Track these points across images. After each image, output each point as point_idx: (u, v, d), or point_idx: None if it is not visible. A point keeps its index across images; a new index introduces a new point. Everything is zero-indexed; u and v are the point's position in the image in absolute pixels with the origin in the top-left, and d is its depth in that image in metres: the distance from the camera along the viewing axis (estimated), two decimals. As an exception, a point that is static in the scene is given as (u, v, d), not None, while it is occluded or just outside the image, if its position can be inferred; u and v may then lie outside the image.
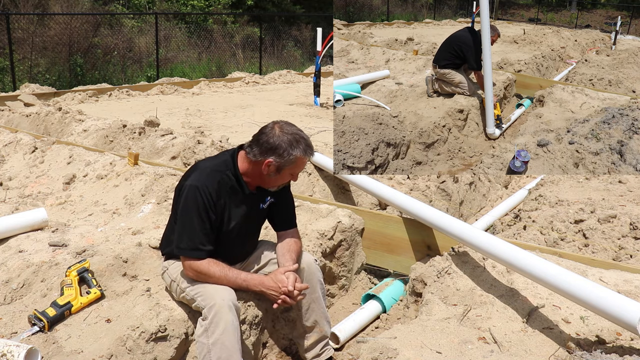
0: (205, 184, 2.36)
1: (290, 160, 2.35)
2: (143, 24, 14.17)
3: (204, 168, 2.45)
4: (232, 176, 2.44)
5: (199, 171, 2.44)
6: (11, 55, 9.79)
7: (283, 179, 2.45)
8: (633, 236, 3.58)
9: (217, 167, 2.44)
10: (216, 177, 2.40)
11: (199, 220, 2.35)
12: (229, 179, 2.43)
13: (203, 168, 2.45)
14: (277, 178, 2.43)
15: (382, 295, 3.22)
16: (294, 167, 2.40)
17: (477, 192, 5.39)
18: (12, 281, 2.71)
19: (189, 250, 2.38)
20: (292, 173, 2.44)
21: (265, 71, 13.68)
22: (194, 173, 2.45)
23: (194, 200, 2.35)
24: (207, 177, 2.39)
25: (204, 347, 2.25)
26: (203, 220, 2.36)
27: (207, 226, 2.37)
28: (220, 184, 2.40)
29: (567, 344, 2.21)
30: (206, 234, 2.38)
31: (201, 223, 2.36)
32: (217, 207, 2.39)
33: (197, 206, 2.34)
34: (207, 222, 2.37)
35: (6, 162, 5.13)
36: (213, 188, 2.37)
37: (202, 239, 2.37)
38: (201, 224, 2.36)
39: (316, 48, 8.58)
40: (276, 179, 2.44)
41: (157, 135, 5.66)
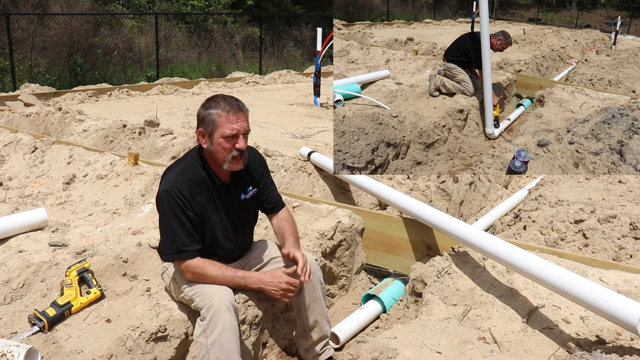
0: (175, 185, 2.35)
1: (211, 121, 2.30)
2: (143, 24, 14.16)
3: (173, 171, 2.45)
4: (202, 170, 2.43)
5: (169, 175, 2.44)
6: (11, 55, 9.79)
7: (221, 146, 2.32)
8: (633, 236, 3.58)
9: (185, 166, 2.44)
10: (186, 176, 2.39)
11: (178, 222, 2.35)
12: (199, 174, 2.42)
13: (172, 171, 2.45)
14: (218, 149, 2.33)
15: (382, 295, 3.22)
16: (220, 127, 2.29)
17: (477, 192, 5.39)
18: (12, 281, 2.71)
19: (174, 254, 2.38)
20: (223, 136, 2.30)
21: (265, 71, 13.67)
22: (164, 178, 2.45)
23: (168, 204, 2.34)
24: (176, 179, 2.38)
25: (202, 347, 2.25)
26: (182, 221, 2.35)
27: (188, 226, 2.36)
28: (192, 181, 2.39)
29: (567, 344, 2.21)
30: (188, 235, 2.37)
31: (181, 225, 2.35)
32: (193, 205, 2.38)
33: (173, 209, 2.34)
34: (187, 222, 2.36)
35: (6, 162, 5.13)
36: (185, 187, 2.36)
37: (185, 240, 2.36)
38: (181, 226, 2.35)
39: (316, 48, 8.58)
40: (216, 149, 2.34)
41: (157, 135, 5.66)
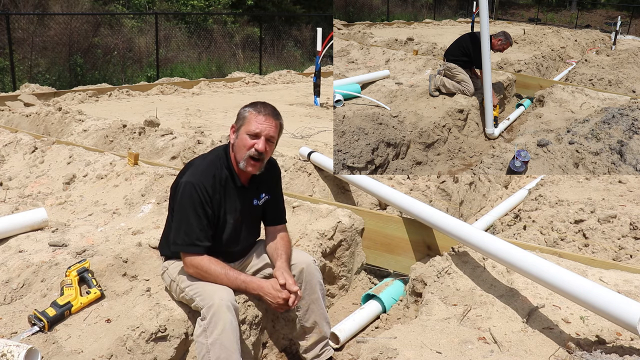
0: (200, 179, 2.38)
1: (242, 117, 2.42)
2: (143, 24, 14.16)
3: (199, 164, 2.48)
4: (226, 169, 2.47)
5: (194, 167, 2.47)
6: (11, 55, 9.79)
7: (243, 142, 2.40)
8: (633, 236, 3.58)
9: (211, 162, 2.47)
10: (211, 172, 2.43)
11: (196, 216, 2.37)
12: (223, 173, 2.46)
13: (198, 164, 2.48)
14: (240, 145, 2.41)
15: (382, 295, 3.22)
16: (247, 124, 2.40)
17: (477, 192, 5.39)
18: (12, 281, 2.71)
19: (186, 245, 2.39)
20: (248, 132, 2.39)
21: (265, 71, 13.67)
22: (189, 170, 2.47)
23: (189, 196, 2.36)
24: (202, 173, 2.41)
25: (202, 347, 2.25)
26: (200, 216, 2.37)
27: (204, 222, 2.39)
28: (215, 178, 2.43)
29: (567, 344, 2.21)
30: (203, 230, 2.39)
31: (198, 219, 2.37)
32: (213, 202, 2.41)
33: (193, 202, 2.36)
34: (204, 218, 2.38)
35: (6, 162, 5.13)
36: (209, 183, 2.39)
37: (199, 234, 2.38)
38: (198, 220, 2.37)
39: (316, 48, 8.58)
40: (239, 145, 2.42)
41: (157, 135, 5.66)
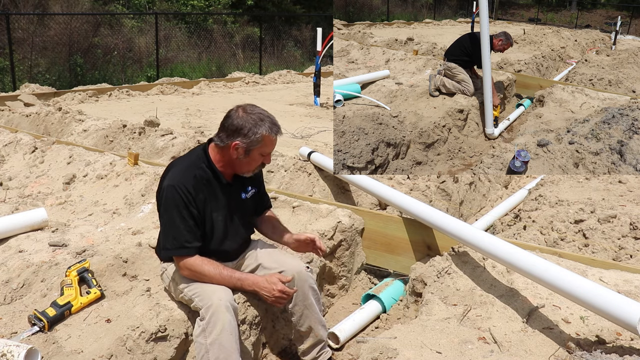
0: (181, 181, 2.37)
1: (256, 140, 2.36)
2: (143, 24, 14.16)
3: (179, 166, 2.46)
4: (207, 169, 2.46)
5: (174, 170, 2.45)
6: (11, 55, 9.78)
7: (254, 161, 2.43)
8: (633, 236, 3.58)
9: (191, 162, 2.46)
10: (192, 173, 2.41)
11: (181, 218, 2.36)
12: (205, 172, 2.45)
13: (178, 166, 2.47)
14: (249, 161, 2.42)
15: (382, 295, 3.22)
16: (262, 146, 2.38)
17: (477, 192, 5.39)
18: (12, 281, 2.71)
19: (175, 249, 2.39)
20: (262, 153, 2.41)
21: (265, 71, 13.67)
22: (169, 173, 2.46)
23: (172, 199, 2.35)
24: (183, 175, 2.40)
25: (202, 347, 2.25)
26: (185, 217, 2.36)
27: (190, 223, 2.38)
28: (197, 178, 2.41)
29: (567, 344, 2.21)
30: (190, 231, 2.38)
31: (183, 221, 2.36)
32: (197, 202, 2.40)
33: (177, 204, 2.35)
34: (189, 219, 2.37)
35: (6, 162, 5.13)
36: (190, 184, 2.38)
37: (187, 236, 2.37)
38: (184, 222, 2.36)
39: (316, 48, 8.58)
40: (247, 162, 2.42)
41: (157, 135, 5.66)
